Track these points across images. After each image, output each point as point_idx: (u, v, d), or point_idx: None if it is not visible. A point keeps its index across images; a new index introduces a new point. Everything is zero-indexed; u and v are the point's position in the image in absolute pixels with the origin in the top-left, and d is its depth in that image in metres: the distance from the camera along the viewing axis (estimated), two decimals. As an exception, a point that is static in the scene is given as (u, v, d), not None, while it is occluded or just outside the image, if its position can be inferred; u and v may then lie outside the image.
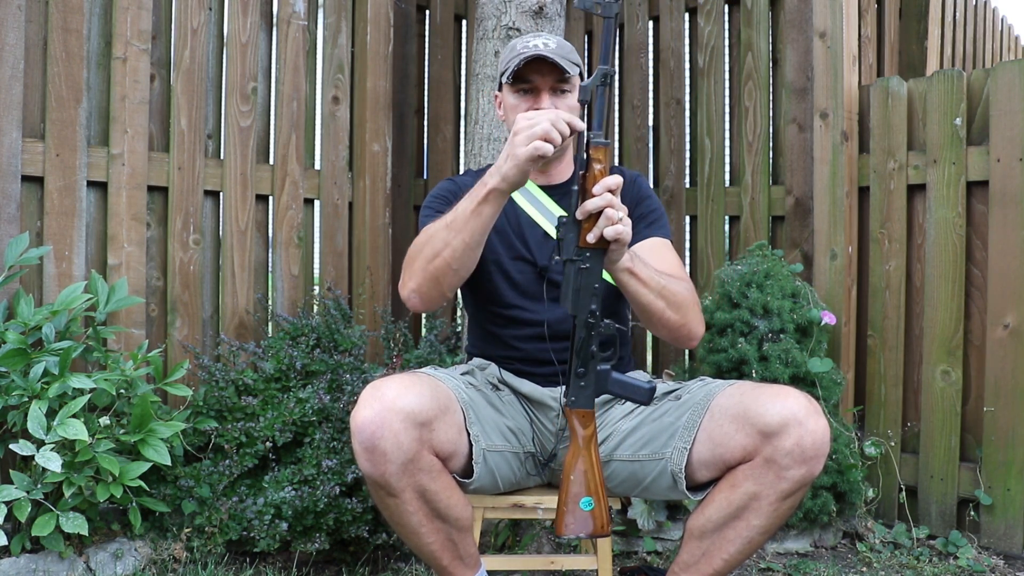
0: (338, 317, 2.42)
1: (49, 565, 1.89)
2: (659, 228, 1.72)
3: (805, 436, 1.36)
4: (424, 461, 1.39)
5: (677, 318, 1.53)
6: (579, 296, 1.38)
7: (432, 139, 3.22)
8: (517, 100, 1.67)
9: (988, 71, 2.34)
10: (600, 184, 1.35)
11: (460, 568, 1.53)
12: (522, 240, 1.72)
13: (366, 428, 1.35)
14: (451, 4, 3.22)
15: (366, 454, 1.36)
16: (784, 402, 1.38)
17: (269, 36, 2.63)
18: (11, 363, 1.88)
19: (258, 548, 2.01)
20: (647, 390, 1.43)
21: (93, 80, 2.29)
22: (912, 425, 2.48)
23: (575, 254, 1.38)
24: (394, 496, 1.40)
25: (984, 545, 2.28)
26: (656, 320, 1.53)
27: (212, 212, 2.51)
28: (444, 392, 1.46)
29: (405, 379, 1.42)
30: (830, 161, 2.58)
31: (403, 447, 1.35)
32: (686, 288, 1.57)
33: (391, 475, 1.37)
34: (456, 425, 1.46)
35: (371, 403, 1.36)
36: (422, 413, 1.37)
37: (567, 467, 1.44)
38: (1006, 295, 2.27)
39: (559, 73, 1.64)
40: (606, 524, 1.44)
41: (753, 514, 1.41)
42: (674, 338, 1.59)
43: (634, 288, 1.47)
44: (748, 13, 2.84)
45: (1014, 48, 5.03)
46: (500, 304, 1.72)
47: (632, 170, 1.86)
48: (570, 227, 1.38)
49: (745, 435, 1.39)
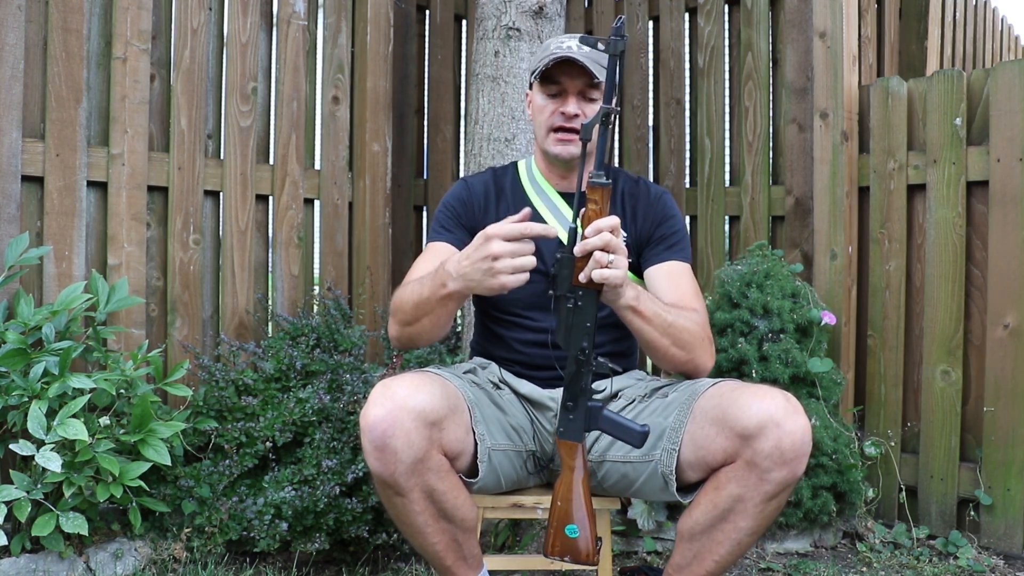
0: (338, 317, 2.42)
1: (49, 565, 1.89)
2: (678, 251, 1.70)
3: (784, 438, 1.34)
4: (433, 461, 1.38)
5: (683, 355, 1.53)
6: (570, 334, 1.37)
7: (432, 139, 3.22)
8: (545, 101, 1.67)
9: (988, 71, 2.34)
10: (591, 226, 1.33)
11: (463, 568, 1.53)
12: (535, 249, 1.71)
13: (377, 426, 1.34)
14: (451, 4, 3.22)
15: (376, 452, 1.35)
16: (761, 403, 1.36)
17: (269, 36, 2.63)
18: (11, 363, 1.88)
19: (258, 548, 2.01)
20: (639, 435, 1.41)
21: (93, 80, 2.29)
22: (912, 425, 2.48)
23: (568, 291, 1.37)
24: (402, 496, 1.40)
25: (984, 545, 2.28)
26: (660, 356, 1.53)
27: (212, 212, 2.51)
28: (453, 391, 1.46)
29: (416, 378, 1.41)
30: (830, 161, 2.58)
31: (414, 446, 1.35)
32: (695, 322, 1.55)
33: (400, 474, 1.36)
34: (464, 425, 1.46)
35: (382, 402, 1.35)
36: (433, 412, 1.36)
37: (556, 491, 1.44)
38: (1006, 295, 2.27)
39: (588, 78, 1.62)
40: (591, 553, 1.44)
41: (739, 516, 1.41)
42: (680, 372, 1.59)
43: (638, 326, 1.47)
44: (748, 13, 2.84)
45: (1014, 48, 5.03)
46: (507, 312, 1.72)
47: (659, 186, 1.85)
48: (565, 264, 1.36)
49: (725, 438, 1.38)
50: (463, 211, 1.73)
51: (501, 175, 1.81)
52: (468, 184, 1.78)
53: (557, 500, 1.45)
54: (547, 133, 1.67)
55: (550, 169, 1.74)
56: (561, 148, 1.66)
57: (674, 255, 1.68)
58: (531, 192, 1.75)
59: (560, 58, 1.59)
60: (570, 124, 1.64)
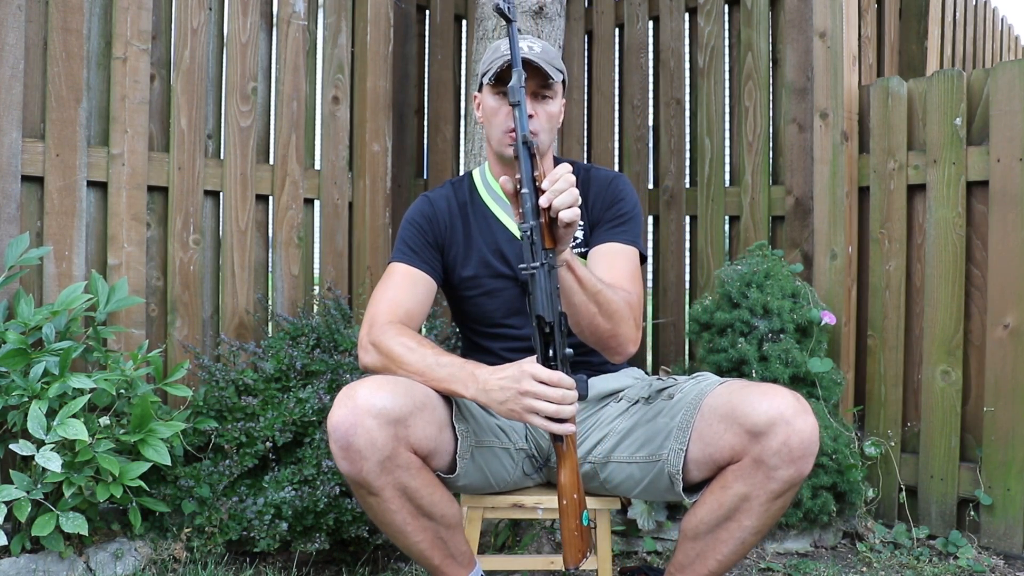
0: (338, 317, 2.42)
1: (49, 565, 1.89)
2: (621, 233, 1.67)
3: (792, 436, 1.35)
4: (402, 458, 1.39)
5: (607, 326, 1.50)
6: (550, 300, 1.35)
7: (432, 139, 3.22)
8: (498, 103, 1.64)
9: (988, 71, 2.34)
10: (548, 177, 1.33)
11: (452, 567, 1.52)
12: (501, 257, 1.71)
13: (340, 427, 1.36)
14: (451, 4, 3.22)
15: (342, 453, 1.37)
16: (771, 401, 1.37)
17: (269, 36, 2.63)
18: (11, 363, 1.88)
19: (258, 548, 2.01)
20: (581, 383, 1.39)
21: (93, 80, 2.29)
22: (912, 425, 2.48)
23: (544, 257, 1.34)
24: (375, 495, 1.41)
25: (984, 545, 2.28)
26: (585, 324, 1.49)
27: (212, 212, 2.51)
28: (420, 390, 1.45)
29: (378, 379, 1.43)
30: (830, 161, 2.58)
31: (377, 444, 1.36)
32: (624, 298, 1.53)
33: (368, 472, 1.37)
34: (436, 422, 1.45)
35: (344, 403, 1.38)
36: (395, 411, 1.37)
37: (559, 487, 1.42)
38: (1006, 295, 2.27)
39: (542, 78, 1.61)
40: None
41: (744, 515, 1.41)
42: (603, 347, 1.55)
43: (568, 285, 1.43)
44: (748, 13, 2.84)
45: (1014, 48, 5.03)
46: (486, 323, 1.74)
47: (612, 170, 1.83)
48: (535, 231, 1.33)
49: (733, 435, 1.39)
50: (428, 228, 1.72)
51: (459, 187, 1.80)
52: (430, 200, 1.77)
53: (563, 499, 1.41)
54: (501, 135, 1.64)
55: (504, 171, 1.69)
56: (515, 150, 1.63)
57: (616, 236, 1.66)
58: (488, 200, 1.76)
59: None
60: None
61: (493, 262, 1.71)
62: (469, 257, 1.72)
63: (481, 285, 1.72)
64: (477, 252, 1.72)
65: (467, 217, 1.75)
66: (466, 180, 1.82)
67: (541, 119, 1.63)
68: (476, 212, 1.76)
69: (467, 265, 1.72)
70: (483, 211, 1.75)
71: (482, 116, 1.71)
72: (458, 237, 1.74)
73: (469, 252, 1.73)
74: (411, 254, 1.69)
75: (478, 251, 1.72)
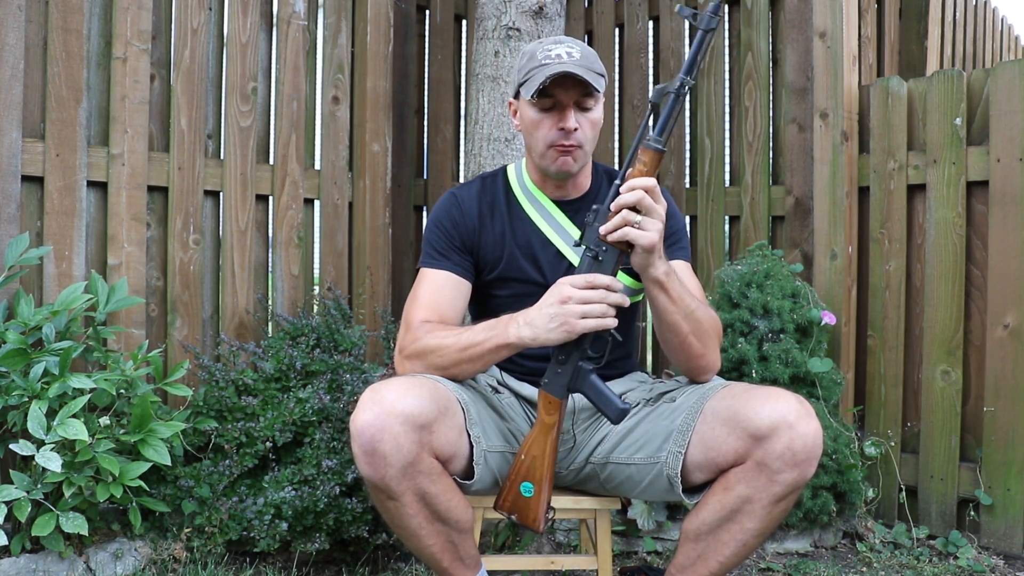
0: (338, 317, 2.41)
1: (49, 565, 1.89)
2: (679, 250, 1.66)
3: (795, 439, 1.35)
4: (424, 464, 1.38)
5: (698, 347, 1.51)
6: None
7: (432, 139, 3.22)
8: (539, 116, 1.57)
9: (988, 71, 2.34)
10: (627, 184, 1.36)
11: (461, 569, 1.53)
12: (534, 262, 1.66)
13: (366, 432, 1.34)
14: (451, 4, 3.22)
15: (366, 457, 1.35)
16: (775, 405, 1.36)
17: (269, 36, 2.63)
18: (11, 363, 1.88)
19: (258, 548, 2.01)
20: (619, 410, 1.42)
21: (93, 80, 2.29)
22: (912, 425, 2.48)
23: (593, 243, 1.40)
24: (394, 499, 1.40)
25: (984, 545, 2.28)
26: (678, 345, 1.50)
27: (212, 212, 2.51)
28: (444, 394, 1.45)
29: (405, 381, 1.41)
30: (830, 161, 2.58)
31: (403, 450, 1.34)
32: (712, 317, 1.54)
33: (391, 478, 1.36)
34: (456, 427, 1.45)
35: (370, 406, 1.35)
36: (422, 416, 1.36)
37: (523, 445, 1.47)
38: (1006, 295, 2.27)
39: (584, 87, 1.53)
40: (539, 518, 1.46)
41: (746, 517, 1.41)
42: (690, 368, 1.56)
43: (662, 304, 1.45)
44: (748, 13, 2.84)
45: (1014, 48, 5.03)
46: None
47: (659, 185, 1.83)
48: (600, 215, 1.40)
49: (736, 438, 1.38)
50: (456, 232, 1.66)
51: (491, 185, 1.72)
52: (458, 200, 1.70)
53: (522, 454, 1.47)
54: (545, 149, 1.58)
55: (544, 180, 1.67)
56: (560, 164, 1.59)
57: (675, 253, 1.65)
58: (525, 203, 1.69)
59: (557, 74, 1.49)
60: (570, 141, 1.56)
61: (525, 267, 1.66)
62: (499, 259, 1.67)
63: (510, 287, 1.67)
64: (509, 255, 1.66)
65: (500, 218, 1.68)
66: (500, 178, 1.74)
67: (585, 129, 1.58)
68: (512, 213, 1.69)
69: (497, 267, 1.67)
70: (519, 213, 1.68)
71: (520, 125, 1.65)
72: (488, 239, 1.67)
73: (500, 254, 1.67)
74: (439, 258, 1.65)
75: (510, 254, 1.66)
